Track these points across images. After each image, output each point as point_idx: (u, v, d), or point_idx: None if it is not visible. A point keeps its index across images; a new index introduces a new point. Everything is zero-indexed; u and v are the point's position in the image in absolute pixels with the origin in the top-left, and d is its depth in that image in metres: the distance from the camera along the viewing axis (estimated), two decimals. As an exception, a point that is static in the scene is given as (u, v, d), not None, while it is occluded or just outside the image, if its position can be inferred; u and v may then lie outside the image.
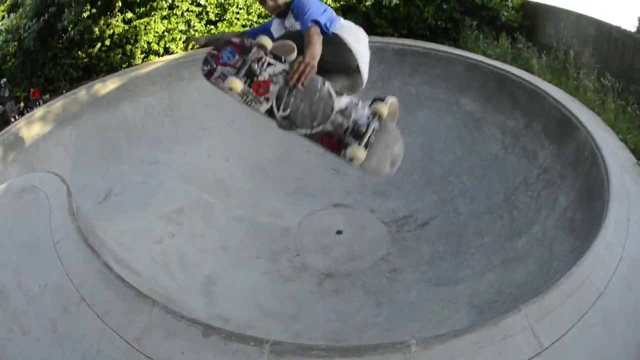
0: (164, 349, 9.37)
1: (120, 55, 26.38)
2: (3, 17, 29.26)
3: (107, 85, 22.37)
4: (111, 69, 26.31)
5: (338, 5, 26.86)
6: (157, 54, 26.49)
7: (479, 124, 20.11)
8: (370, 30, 26.08)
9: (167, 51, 26.60)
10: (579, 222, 14.18)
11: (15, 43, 26.99)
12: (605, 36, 22.50)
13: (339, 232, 18.59)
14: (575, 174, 15.67)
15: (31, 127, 20.33)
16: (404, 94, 22.16)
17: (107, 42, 25.86)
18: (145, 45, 26.28)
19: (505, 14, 26.84)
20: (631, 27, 22.26)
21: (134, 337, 9.63)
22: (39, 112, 21.02)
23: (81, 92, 21.86)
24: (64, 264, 11.55)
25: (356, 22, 22.28)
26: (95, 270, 11.12)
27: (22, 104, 26.52)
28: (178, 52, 26.35)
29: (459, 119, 20.80)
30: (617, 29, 21.99)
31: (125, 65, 26.40)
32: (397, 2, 25.99)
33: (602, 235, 11.78)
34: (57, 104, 21.22)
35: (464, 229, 17.55)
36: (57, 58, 26.45)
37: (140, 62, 26.29)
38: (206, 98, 22.93)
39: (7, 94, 26.20)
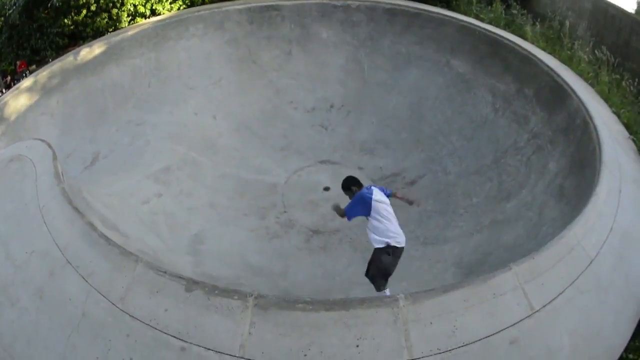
0: (147, 307, 9.34)
1: (106, 20, 25.91)
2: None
3: (94, 49, 22.11)
4: (97, 34, 25.88)
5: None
6: (143, 16, 26.08)
7: (469, 85, 20.05)
8: (361, -10, 26.11)
9: (153, 13, 26.24)
10: (569, 189, 14.25)
11: (1, 18, 26.66)
12: (601, 11, 22.39)
13: (327, 189, 18.63)
14: (566, 141, 15.68)
15: (18, 98, 20.12)
16: (393, 53, 22.38)
17: (93, 8, 25.43)
18: (132, 8, 25.88)
19: None
20: (630, 9, 22.29)
21: (117, 297, 9.63)
22: (25, 82, 20.77)
23: (68, 59, 21.63)
24: (50, 228, 11.55)
25: None
26: (80, 231, 11.08)
27: (9, 78, 26.30)
28: (165, 13, 26.10)
29: (449, 79, 20.72)
30: (614, 7, 21.87)
31: (111, 30, 25.99)
32: None
33: (593, 202, 11.79)
34: (43, 73, 20.96)
35: (452, 189, 17.65)
36: (43, 28, 26.05)
37: (126, 25, 25.89)
38: (193, 58, 23.00)
39: None
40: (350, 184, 12.79)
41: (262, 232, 17.07)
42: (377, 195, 12.32)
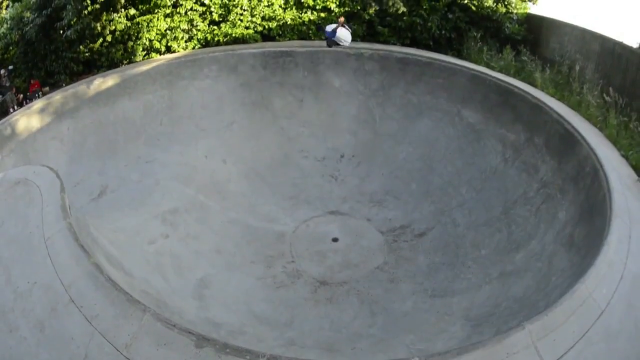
0: (153, 358, 9.16)
1: (121, 52, 26.33)
2: (8, 6, 29.16)
3: (107, 80, 22.18)
4: (112, 64, 26.27)
5: (342, 10, 26.91)
6: (158, 51, 26.41)
7: (479, 136, 19.94)
8: (373, 38, 26.53)
9: (168, 49, 26.53)
10: (578, 238, 14.03)
11: (19, 32, 26.93)
12: (608, 52, 22.44)
13: (335, 240, 18.46)
14: (575, 189, 15.55)
15: (29, 118, 20.17)
16: (405, 103, 22.33)
17: (109, 38, 25.82)
18: (147, 43, 26.26)
19: (509, 26, 26.81)
20: (634, 44, 22.18)
21: (122, 344, 9.44)
22: (38, 104, 20.81)
23: (81, 87, 21.64)
24: (54, 262, 11.35)
25: (359, 30, 22.84)
26: (86, 271, 10.93)
27: (21, 95, 26.41)
28: (179, 50, 26.36)
29: (460, 130, 20.63)
30: (621, 45, 21.90)
31: (126, 62, 26.37)
32: (404, 9, 25.81)
33: (604, 252, 11.62)
34: (56, 97, 20.99)
35: (461, 241, 17.42)
36: (59, 51, 26.36)
37: (141, 59, 26.25)
38: (206, 99, 22.98)
39: (7, 83, 26.17)
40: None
41: (269, 281, 16.92)
42: None
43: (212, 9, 26.79)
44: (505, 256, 15.79)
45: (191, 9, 26.57)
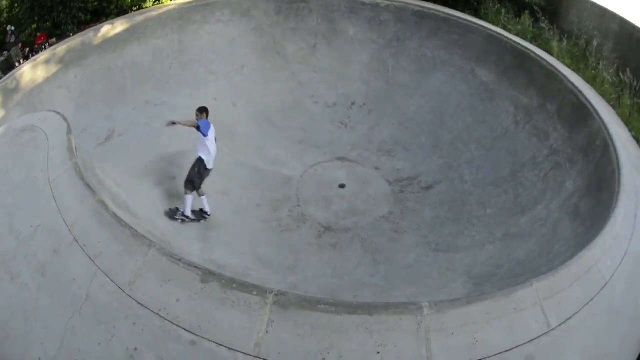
0: (157, 295, 9.20)
1: (130, -1, 26.02)
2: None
3: (116, 27, 22.03)
4: (121, 12, 26.05)
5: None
6: (169, -3, 26.10)
7: (492, 95, 19.93)
8: (391, -10, 25.99)
9: (179, -6, 26.18)
10: (584, 209, 14.18)
11: None
12: (627, 34, 22.19)
13: (342, 186, 18.60)
14: (585, 161, 15.62)
15: (35, 70, 20.05)
16: (419, 56, 22.30)
17: (119, -15, 25.54)
18: (158, -12, 25.88)
19: None
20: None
21: (126, 281, 9.49)
22: (44, 55, 20.63)
23: (88, 35, 21.49)
24: (59, 203, 11.44)
25: None
26: (90, 209, 10.96)
27: (27, 49, 26.26)
28: (191, -5, 25.99)
29: (473, 88, 20.61)
30: (640, 30, 21.76)
31: (136, 9, 26.16)
32: None
33: (611, 224, 11.73)
34: (62, 47, 20.83)
35: (467, 198, 17.57)
36: (66, 2, 25.97)
37: (151, 5, 26.04)
38: (217, 43, 22.96)
39: (13, 40, 26.01)
40: (204, 110, 16.52)
41: (274, 224, 17.02)
42: (212, 132, 16.41)
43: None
44: (511, 218, 15.93)
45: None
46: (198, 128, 15.82)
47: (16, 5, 26.67)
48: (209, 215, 16.39)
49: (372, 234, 16.53)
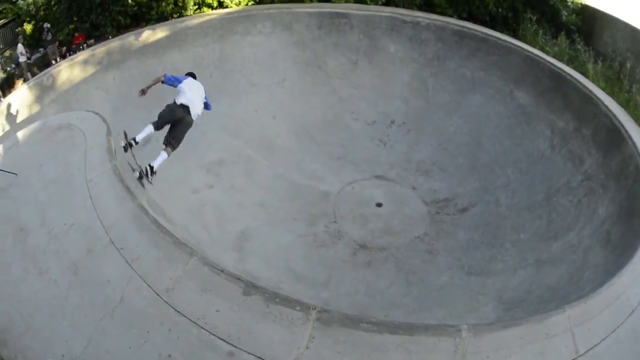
0: (196, 304, 9.29)
1: (171, 5, 26.25)
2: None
3: (156, 33, 22.45)
4: (161, 18, 26.19)
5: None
6: (210, 6, 26.38)
7: (529, 118, 19.89)
8: (430, 8, 26.21)
9: (221, 5, 26.49)
10: (615, 236, 14.21)
11: None
12: (660, 56, 22.14)
13: (379, 205, 18.69)
14: (617, 187, 15.66)
15: (72, 69, 20.43)
16: (458, 76, 22.33)
17: (159, -9, 25.86)
18: (199, -3, 26.26)
19: (566, 14, 26.45)
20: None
21: (163, 288, 9.60)
22: (82, 55, 21.09)
23: (129, 38, 22.00)
24: (95, 203, 11.62)
25: None
26: (130, 213, 11.14)
27: (64, 48, 26.59)
28: (232, 6, 26.27)
29: (511, 110, 20.58)
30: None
31: (176, 16, 26.30)
32: None
33: (640, 253, 11.78)
34: (101, 48, 21.28)
35: (502, 222, 17.53)
36: (105, 4, 26.17)
37: (192, 13, 26.18)
38: (258, 54, 23.13)
39: (49, 37, 26.28)
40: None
41: (310, 239, 17.20)
42: (190, 84, 15.95)
43: (268, -34, 26.49)
44: (543, 243, 15.88)
45: (247, -35, 26.36)
46: (164, 82, 15.75)
47: (53, 3, 26.89)
48: (152, 174, 14.72)
49: (406, 254, 16.66)
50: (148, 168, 14.48)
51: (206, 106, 16.33)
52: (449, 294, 14.87)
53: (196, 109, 15.57)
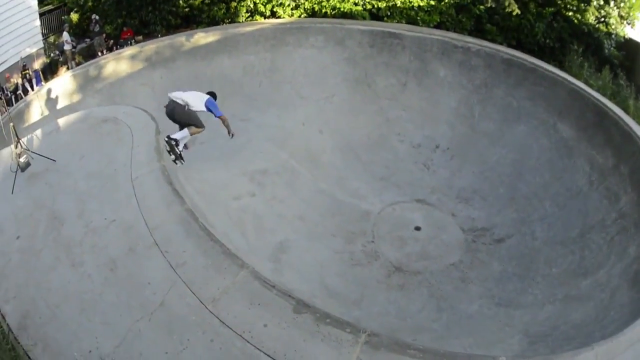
0: (243, 317, 9.40)
1: (223, 11, 26.84)
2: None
3: (207, 36, 23.02)
4: (212, 22, 26.83)
5: (452, 1, 26.92)
6: (262, 15, 26.91)
7: (571, 152, 19.84)
8: (480, 34, 26.50)
9: (273, 14, 26.99)
10: (643, 276, 14.30)
11: None
12: (696, 94, 21.91)
13: (417, 229, 18.90)
14: (649, 227, 15.61)
15: (119, 63, 21.15)
16: (505, 105, 22.38)
17: (213, -4, 26.21)
18: (252, 5, 26.80)
19: (608, 48, 26.54)
20: None
21: (209, 297, 9.75)
22: (129, 50, 21.83)
23: (179, 39, 22.58)
24: (140, 202, 11.92)
25: (467, 24, 24.82)
26: (177, 216, 11.40)
27: (111, 41, 27.26)
28: (284, 17, 26.75)
29: (554, 142, 20.53)
30: None
31: (227, 21, 26.89)
32: (518, 11, 25.70)
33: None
34: (150, 46, 21.97)
35: (536, 255, 17.51)
36: (156, 2, 26.97)
37: (243, 20, 26.76)
38: (309, 67, 23.57)
39: (97, 29, 26.94)
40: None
41: (346, 257, 17.46)
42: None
43: (324, -19, 26.78)
44: (573, 279, 15.92)
45: (302, -22, 26.64)
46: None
47: None
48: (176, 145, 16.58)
49: (440, 280, 16.83)
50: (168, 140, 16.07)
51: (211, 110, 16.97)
52: (477, 323, 15.01)
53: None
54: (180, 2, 26.76)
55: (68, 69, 24.87)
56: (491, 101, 22.75)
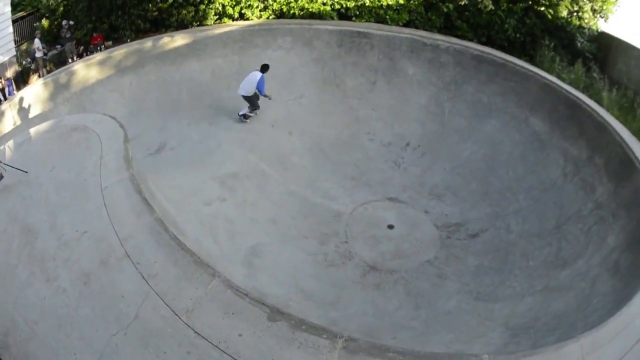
0: (218, 327, 9.19)
1: (192, 14, 26.49)
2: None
3: (175, 40, 22.86)
4: (181, 25, 26.53)
5: (420, 0, 26.87)
6: (231, 17, 26.65)
7: (543, 145, 19.85)
8: (450, 31, 26.44)
9: (241, 16, 26.73)
10: (624, 265, 14.20)
11: None
12: (672, 83, 22.02)
13: (391, 227, 18.70)
14: (628, 216, 15.60)
15: (89, 69, 20.75)
16: (475, 101, 22.39)
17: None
18: (220, 8, 26.50)
19: (581, 41, 26.55)
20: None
21: (183, 308, 9.52)
22: (99, 56, 21.48)
23: (147, 43, 22.33)
24: (110, 212, 11.57)
25: (437, 21, 24.89)
26: (147, 226, 11.10)
27: (81, 47, 26.89)
28: (253, 19, 26.54)
29: (525, 136, 20.54)
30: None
31: (196, 24, 26.63)
32: (492, 7, 25.89)
33: (649, 281, 11.78)
34: (119, 51, 21.64)
35: (511, 248, 17.44)
36: (126, 7, 26.58)
37: (212, 23, 26.55)
38: (277, 69, 23.12)
39: (68, 35, 26.61)
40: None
41: (320, 258, 17.22)
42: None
43: (292, -19, 26.79)
44: (552, 271, 15.82)
45: (270, -21, 26.62)
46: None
47: (73, 0, 27.22)
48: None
49: (415, 277, 16.66)
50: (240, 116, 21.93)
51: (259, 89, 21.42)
52: (456, 319, 14.83)
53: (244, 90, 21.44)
54: (150, 5, 26.42)
55: (40, 76, 24.56)
56: (461, 98, 22.78)
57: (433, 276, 16.82)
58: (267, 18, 26.70)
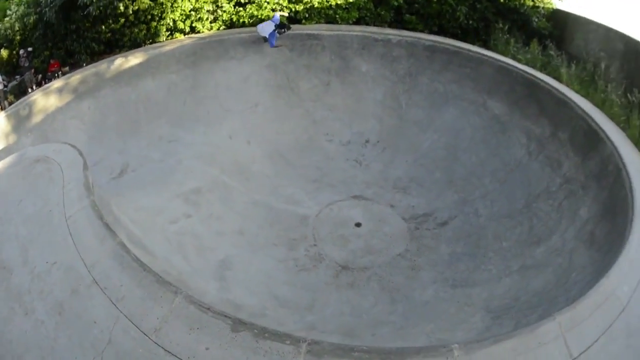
0: (185, 343, 9.07)
1: (144, 32, 26.21)
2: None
3: (129, 60, 22.47)
4: (134, 44, 26.25)
5: (368, -6, 26.86)
6: (182, 32, 26.37)
7: (504, 127, 19.89)
8: (401, 25, 26.47)
9: (193, 30, 26.51)
10: (600, 236, 14.11)
11: (36, 16, 26.71)
12: (633, 52, 22.26)
13: (358, 225, 18.55)
14: (598, 187, 15.57)
15: (48, 98, 20.34)
16: (431, 91, 22.32)
17: (132, 18, 25.74)
18: (171, 23, 26.15)
19: (536, 20, 26.66)
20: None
21: (151, 328, 9.37)
22: (57, 83, 20.99)
23: (102, 66, 21.88)
24: (76, 241, 11.34)
25: (387, 16, 25.07)
26: (111, 251, 10.88)
27: (40, 75, 26.51)
28: (204, 31, 26.38)
29: (485, 120, 20.57)
30: (645, 46, 21.62)
31: (149, 42, 26.33)
32: None
33: (626, 250, 11.78)
34: (76, 77, 21.18)
35: (483, 232, 17.43)
36: (80, 30, 26.31)
37: (164, 39, 26.27)
38: (231, 80, 23.13)
39: (27, 64, 26.31)
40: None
41: (291, 264, 17.01)
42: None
43: (238, -10, 26.67)
44: (526, 249, 15.79)
45: (216, -10, 26.54)
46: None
47: (29, 28, 27.07)
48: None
49: (389, 272, 16.53)
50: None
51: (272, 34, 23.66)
52: (435, 308, 14.72)
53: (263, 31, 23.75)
54: (102, 27, 26.04)
55: (2, 109, 24.20)
56: (417, 89, 22.76)
57: (406, 269, 16.71)
58: (218, 29, 26.57)
